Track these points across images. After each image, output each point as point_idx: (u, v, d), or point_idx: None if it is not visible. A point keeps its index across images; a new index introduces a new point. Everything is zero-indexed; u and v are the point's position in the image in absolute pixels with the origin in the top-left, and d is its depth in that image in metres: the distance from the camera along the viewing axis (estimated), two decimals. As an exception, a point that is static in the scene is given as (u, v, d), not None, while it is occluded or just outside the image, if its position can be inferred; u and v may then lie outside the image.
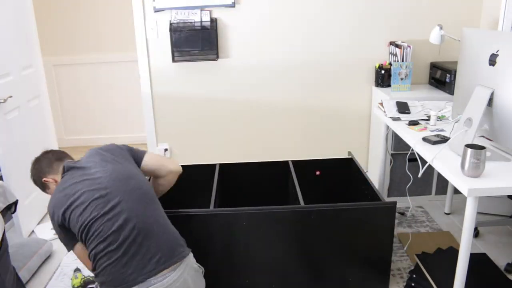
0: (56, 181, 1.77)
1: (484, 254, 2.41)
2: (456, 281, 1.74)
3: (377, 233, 2.09)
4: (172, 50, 3.10)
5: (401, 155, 2.97)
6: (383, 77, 3.13)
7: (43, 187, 1.81)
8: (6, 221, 2.83)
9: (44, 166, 1.80)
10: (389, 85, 3.14)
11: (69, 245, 1.72)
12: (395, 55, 3.06)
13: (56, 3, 4.19)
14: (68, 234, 1.68)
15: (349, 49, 3.21)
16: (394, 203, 2.05)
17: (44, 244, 2.56)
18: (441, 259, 2.37)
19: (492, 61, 1.77)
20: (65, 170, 1.73)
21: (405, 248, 2.53)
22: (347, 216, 2.05)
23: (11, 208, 2.07)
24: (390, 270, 2.21)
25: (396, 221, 2.85)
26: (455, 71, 2.77)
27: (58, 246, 2.71)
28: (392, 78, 3.03)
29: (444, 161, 1.80)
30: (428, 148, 1.95)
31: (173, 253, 1.62)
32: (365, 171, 2.58)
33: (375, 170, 3.20)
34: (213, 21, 3.08)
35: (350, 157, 2.65)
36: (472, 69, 1.91)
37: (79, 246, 1.71)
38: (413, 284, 2.19)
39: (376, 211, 2.05)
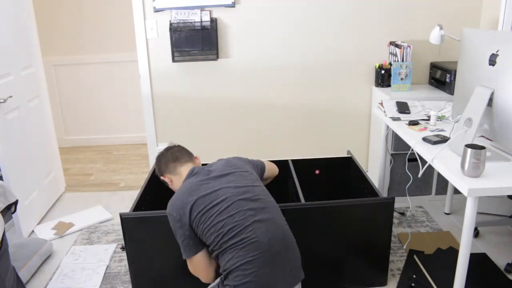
0: (172, 181, 1.89)
1: (484, 254, 2.42)
2: (456, 281, 1.74)
3: (375, 229, 2.10)
4: (172, 50, 3.10)
5: (401, 155, 2.97)
6: (383, 77, 3.13)
7: (163, 182, 1.95)
8: (6, 221, 2.84)
9: (162, 165, 1.92)
10: (389, 85, 3.14)
11: (191, 251, 1.69)
12: (395, 55, 3.06)
13: (56, 3, 4.19)
14: (195, 238, 1.68)
15: (349, 49, 3.21)
16: (392, 198, 2.05)
17: (44, 244, 2.56)
18: (441, 259, 2.37)
19: (492, 61, 1.77)
20: (192, 174, 1.80)
21: (404, 248, 2.53)
22: (346, 213, 2.05)
23: (11, 208, 2.07)
24: (388, 266, 2.22)
25: (396, 221, 2.86)
26: (455, 71, 2.77)
27: (58, 246, 2.71)
28: (392, 78, 3.03)
29: (444, 161, 1.80)
30: (428, 148, 1.95)
31: (300, 268, 1.69)
32: (365, 171, 2.59)
33: (375, 170, 3.20)
34: (213, 21, 3.08)
35: (349, 156, 2.65)
36: (472, 69, 1.91)
37: (201, 256, 1.70)
38: (413, 284, 2.19)
39: (375, 207, 2.05)
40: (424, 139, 2.03)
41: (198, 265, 1.71)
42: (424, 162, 2.90)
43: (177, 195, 1.72)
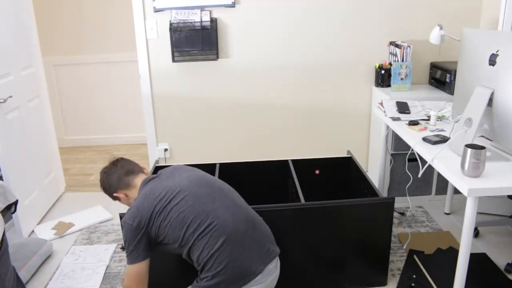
0: (127, 196, 1.83)
1: (484, 254, 2.42)
2: (456, 281, 1.74)
3: (375, 229, 2.10)
4: (172, 50, 3.09)
5: (401, 155, 2.97)
6: (383, 77, 3.13)
7: (114, 198, 1.88)
8: (6, 221, 2.84)
9: (115, 181, 1.82)
10: (389, 85, 3.14)
11: (140, 257, 1.67)
12: (395, 55, 3.06)
13: (56, 3, 4.19)
14: (147, 245, 1.67)
15: (349, 49, 3.21)
16: (392, 198, 2.06)
17: (44, 244, 2.56)
18: (441, 259, 2.37)
19: (492, 61, 1.77)
20: (146, 183, 1.78)
21: (404, 248, 2.53)
22: (346, 213, 2.05)
23: (11, 208, 2.07)
24: (388, 266, 2.22)
25: (396, 221, 2.86)
26: (455, 71, 2.77)
27: (58, 246, 2.71)
28: (392, 78, 3.03)
29: (444, 161, 1.80)
30: (428, 148, 1.95)
31: (273, 244, 1.74)
32: (365, 171, 2.59)
33: (375, 170, 3.20)
34: (213, 21, 3.08)
35: (349, 156, 2.65)
36: (472, 69, 1.91)
37: (147, 263, 1.69)
38: (413, 284, 2.19)
39: (375, 207, 2.05)
40: (424, 139, 2.03)
41: (141, 273, 1.67)
42: (424, 162, 2.90)
43: (133, 204, 1.71)
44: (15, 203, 2.08)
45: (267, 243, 1.69)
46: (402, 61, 3.00)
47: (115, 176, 1.82)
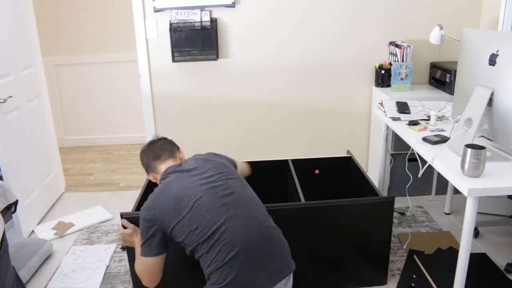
0: (155, 178, 1.88)
1: (484, 254, 2.42)
2: (456, 281, 1.74)
3: (375, 229, 2.10)
4: (172, 50, 3.10)
5: (401, 155, 2.97)
6: (383, 77, 3.13)
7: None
8: (6, 221, 2.84)
9: (145, 162, 1.90)
10: (389, 85, 3.14)
11: (152, 252, 1.66)
12: (395, 55, 3.06)
13: (56, 3, 4.19)
14: (162, 241, 1.66)
15: (349, 49, 3.21)
16: (392, 198, 2.06)
17: (44, 244, 2.56)
18: (441, 259, 2.37)
19: (492, 61, 1.77)
20: (166, 174, 1.76)
21: (404, 248, 2.53)
22: (346, 213, 2.05)
23: (11, 208, 2.07)
24: (388, 266, 2.22)
25: (396, 221, 2.86)
26: (455, 71, 2.77)
27: (58, 246, 2.71)
28: (392, 78, 3.03)
29: (444, 161, 1.80)
30: (428, 148, 1.95)
31: (287, 261, 1.63)
32: (365, 171, 2.59)
33: (375, 170, 3.20)
34: (213, 21, 3.08)
35: (349, 155, 2.65)
36: (472, 69, 1.91)
37: (161, 258, 1.68)
38: (413, 284, 2.19)
39: (375, 207, 2.05)
40: (424, 139, 2.03)
41: (152, 268, 1.68)
42: (424, 162, 2.90)
43: (151, 195, 1.71)
44: (15, 203, 2.08)
45: (279, 261, 1.60)
46: (402, 61, 3.00)
47: (145, 158, 1.89)
